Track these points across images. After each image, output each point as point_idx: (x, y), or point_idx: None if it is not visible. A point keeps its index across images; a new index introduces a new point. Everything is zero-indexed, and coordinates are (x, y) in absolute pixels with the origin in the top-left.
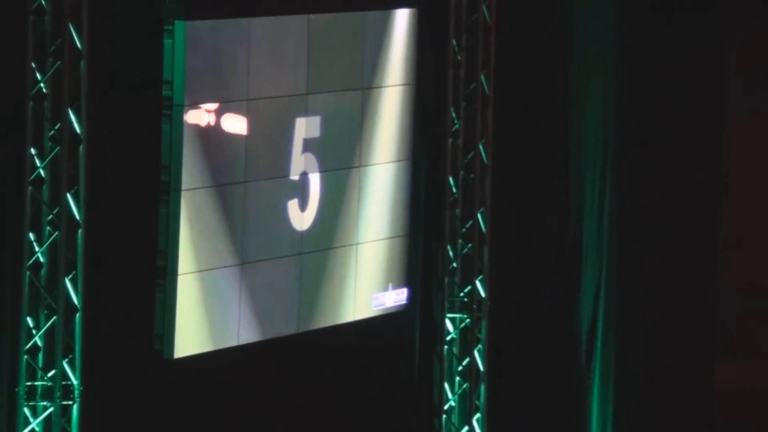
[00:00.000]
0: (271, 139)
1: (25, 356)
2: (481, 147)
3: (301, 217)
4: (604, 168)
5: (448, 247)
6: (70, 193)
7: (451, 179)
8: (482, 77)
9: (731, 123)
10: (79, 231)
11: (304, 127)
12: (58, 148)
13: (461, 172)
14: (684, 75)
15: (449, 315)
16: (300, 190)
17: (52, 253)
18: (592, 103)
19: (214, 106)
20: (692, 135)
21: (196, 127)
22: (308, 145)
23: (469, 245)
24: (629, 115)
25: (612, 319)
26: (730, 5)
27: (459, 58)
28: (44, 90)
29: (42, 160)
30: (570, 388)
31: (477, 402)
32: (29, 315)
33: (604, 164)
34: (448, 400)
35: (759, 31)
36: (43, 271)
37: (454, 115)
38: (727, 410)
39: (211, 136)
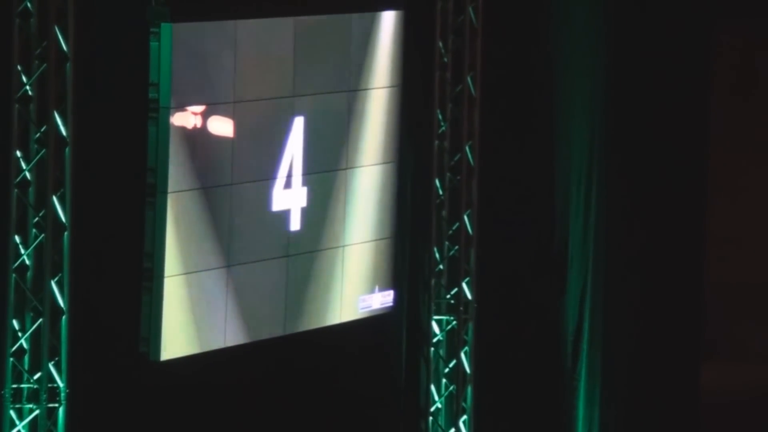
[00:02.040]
0: (258, 141)
1: (11, 359)
2: (467, 149)
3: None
4: (590, 170)
5: (435, 249)
6: (56, 195)
7: (437, 181)
8: (469, 79)
9: (718, 123)
10: (65, 233)
11: (291, 130)
12: (44, 150)
13: (448, 174)
14: (671, 76)
15: (436, 317)
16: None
17: (38, 255)
18: (579, 104)
19: (200, 108)
20: (679, 136)
21: (183, 130)
22: (294, 148)
23: (456, 247)
24: (616, 117)
25: (598, 320)
26: (716, 6)
27: (445, 60)
28: (30, 93)
29: (28, 162)
30: (556, 390)
31: (463, 404)
32: (15, 317)
33: (590, 166)
34: (434, 402)
35: (746, 31)
36: (29, 274)
37: (440, 117)
38: (714, 412)
39: (197, 138)
